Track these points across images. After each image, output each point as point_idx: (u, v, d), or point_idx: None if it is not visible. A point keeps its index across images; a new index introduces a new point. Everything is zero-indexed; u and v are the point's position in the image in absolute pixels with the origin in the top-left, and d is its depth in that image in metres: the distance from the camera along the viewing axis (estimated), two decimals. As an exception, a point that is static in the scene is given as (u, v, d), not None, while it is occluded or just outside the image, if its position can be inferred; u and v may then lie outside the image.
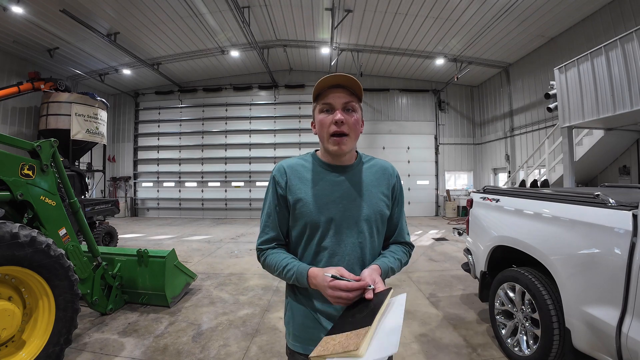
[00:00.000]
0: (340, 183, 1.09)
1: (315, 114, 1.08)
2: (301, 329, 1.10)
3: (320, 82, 1.01)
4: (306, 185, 1.08)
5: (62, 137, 8.93)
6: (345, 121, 1.01)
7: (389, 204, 1.14)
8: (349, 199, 1.07)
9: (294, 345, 1.11)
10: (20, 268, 2.22)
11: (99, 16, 8.51)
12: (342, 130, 1.01)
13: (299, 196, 1.07)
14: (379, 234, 1.12)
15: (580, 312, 1.93)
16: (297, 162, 1.14)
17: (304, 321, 1.09)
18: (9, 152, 2.51)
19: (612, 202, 1.90)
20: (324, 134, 1.05)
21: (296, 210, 1.07)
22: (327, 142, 1.04)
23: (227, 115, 13.73)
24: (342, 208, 1.06)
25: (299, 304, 1.12)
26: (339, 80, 1.01)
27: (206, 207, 13.61)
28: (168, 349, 2.81)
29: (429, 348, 2.82)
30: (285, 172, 1.11)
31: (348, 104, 1.02)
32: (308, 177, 1.10)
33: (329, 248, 1.05)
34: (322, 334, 1.05)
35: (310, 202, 1.06)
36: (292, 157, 1.19)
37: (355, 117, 1.03)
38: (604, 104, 4.83)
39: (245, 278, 4.90)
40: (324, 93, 1.03)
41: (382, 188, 1.13)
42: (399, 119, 13.66)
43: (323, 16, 9.11)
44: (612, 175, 7.59)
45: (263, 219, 1.14)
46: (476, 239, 3.26)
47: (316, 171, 1.11)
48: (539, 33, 9.00)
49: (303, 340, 1.09)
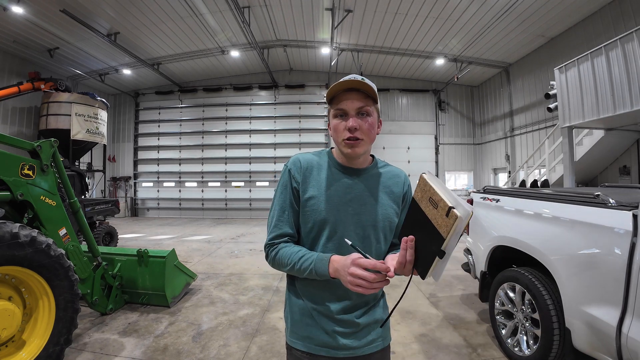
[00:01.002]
0: (352, 186, 1.09)
1: (330, 117, 1.08)
2: (299, 325, 1.10)
3: (334, 86, 1.00)
4: (320, 183, 1.08)
5: (62, 137, 8.92)
6: (359, 127, 1.00)
7: (398, 212, 1.13)
8: (359, 203, 1.07)
9: (291, 342, 1.11)
10: (21, 268, 2.22)
11: (99, 16, 8.51)
12: (355, 136, 1.01)
13: (312, 193, 1.06)
14: (386, 241, 1.11)
15: (580, 312, 1.93)
16: (313, 159, 1.12)
17: (302, 318, 1.10)
18: (9, 152, 2.51)
19: (612, 202, 1.89)
20: (338, 139, 1.05)
21: (306, 208, 1.06)
22: (341, 146, 1.05)
23: (227, 115, 13.73)
24: (351, 211, 1.06)
25: (298, 300, 1.11)
26: (352, 84, 1.00)
27: (206, 207, 13.60)
28: (168, 349, 2.81)
29: (429, 348, 2.82)
30: (302, 166, 1.09)
31: (362, 108, 1.01)
32: (323, 176, 1.09)
33: (333, 250, 1.05)
34: (319, 331, 1.06)
35: (322, 201, 1.06)
36: (307, 152, 1.17)
37: (369, 121, 1.02)
38: (604, 104, 4.83)
39: (245, 278, 4.90)
40: (338, 97, 1.03)
41: (393, 195, 1.12)
42: (399, 119, 13.66)
43: (323, 16, 9.11)
44: (612, 175, 7.59)
45: (276, 214, 1.09)
46: (476, 239, 3.26)
47: (331, 171, 1.10)
48: (539, 33, 9.00)
49: (300, 337, 1.09)
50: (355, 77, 0.99)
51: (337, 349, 1.05)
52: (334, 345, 1.05)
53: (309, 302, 1.09)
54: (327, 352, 1.06)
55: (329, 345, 1.05)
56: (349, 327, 1.06)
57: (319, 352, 1.06)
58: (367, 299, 1.10)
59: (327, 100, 1.05)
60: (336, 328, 1.05)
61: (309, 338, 1.07)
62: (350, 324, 1.06)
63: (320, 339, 1.06)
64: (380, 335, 1.12)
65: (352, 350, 1.06)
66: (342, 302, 1.06)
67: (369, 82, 0.99)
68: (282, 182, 1.11)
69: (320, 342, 1.06)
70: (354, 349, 1.06)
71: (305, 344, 1.08)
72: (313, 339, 1.07)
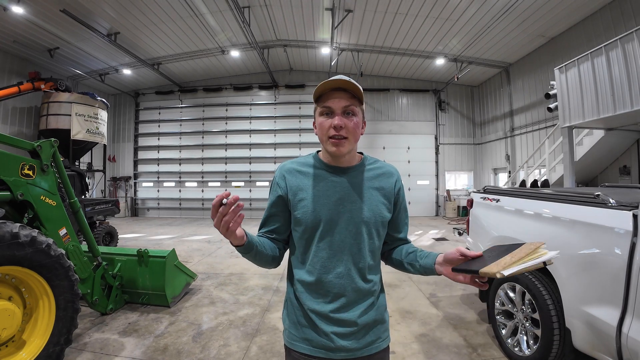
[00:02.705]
0: (340, 184, 1.09)
1: (315, 115, 1.10)
2: (296, 327, 1.11)
3: (321, 85, 1.02)
4: (307, 185, 1.10)
5: (63, 137, 8.93)
6: (344, 125, 1.02)
7: (390, 208, 1.13)
8: (348, 201, 1.08)
9: (290, 343, 1.12)
10: (21, 268, 2.22)
11: (99, 16, 8.51)
12: (340, 134, 1.02)
13: (300, 196, 1.09)
14: (379, 237, 1.12)
15: (580, 312, 1.93)
16: (299, 163, 1.16)
17: (299, 319, 1.11)
18: (9, 152, 2.51)
19: (612, 202, 1.89)
20: (323, 136, 1.06)
21: (297, 211, 1.09)
22: (326, 144, 1.06)
23: (227, 115, 13.73)
24: (342, 209, 1.07)
25: (296, 301, 1.12)
26: (339, 84, 1.02)
27: (206, 207, 13.59)
28: (168, 349, 2.81)
29: (429, 348, 2.82)
30: (285, 175, 1.13)
31: (348, 107, 1.03)
32: (309, 178, 1.11)
33: (327, 249, 1.06)
34: (315, 333, 1.06)
35: (310, 202, 1.07)
36: (296, 157, 1.20)
37: (354, 120, 1.04)
38: (604, 104, 4.83)
39: (246, 278, 4.90)
40: (325, 96, 1.04)
41: (383, 191, 1.12)
42: (399, 119, 13.66)
43: (323, 16, 9.11)
44: (612, 175, 7.59)
45: (262, 219, 1.18)
46: (476, 239, 3.26)
47: (317, 172, 1.12)
48: (539, 33, 9.00)
49: (297, 338, 1.10)
50: (342, 77, 1.01)
51: (335, 351, 1.05)
52: (332, 347, 1.05)
53: (306, 302, 1.08)
54: (326, 354, 1.05)
55: (327, 347, 1.05)
56: (347, 326, 1.05)
57: (316, 354, 1.06)
58: (363, 295, 1.08)
59: (314, 98, 1.07)
60: (334, 329, 1.05)
61: (307, 340, 1.08)
62: (348, 323, 1.05)
63: (318, 341, 1.06)
64: (379, 336, 1.12)
65: (351, 352, 1.06)
66: (338, 300, 1.06)
67: (355, 82, 1.01)
68: (269, 191, 1.18)
69: (318, 344, 1.06)
70: (352, 351, 1.06)
71: (303, 345, 1.08)
72: (311, 340, 1.07)
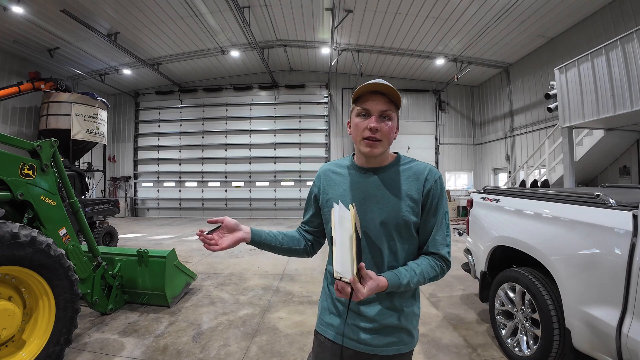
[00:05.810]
0: (366, 184, 1.12)
1: (352, 115, 1.12)
2: (322, 312, 1.20)
3: (362, 87, 1.04)
4: (336, 185, 1.17)
5: (62, 137, 8.92)
6: (379, 128, 1.04)
7: (417, 211, 1.08)
8: (372, 201, 1.09)
9: (318, 327, 1.21)
10: (21, 268, 2.22)
11: (99, 16, 8.51)
12: (375, 136, 1.04)
13: (329, 195, 1.17)
14: (402, 239, 1.08)
15: (580, 312, 1.93)
16: (335, 164, 1.24)
17: (328, 306, 1.18)
18: (9, 152, 2.51)
19: (612, 203, 1.89)
20: (357, 137, 1.08)
21: (325, 209, 1.18)
22: (360, 144, 1.08)
23: (227, 115, 13.72)
24: (364, 209, 1.09)
25: (327, 290, 1.21)
26: (378, 87, 1.04)
27: (206, 207, 13.60)
28: (168, 349, 2.81)
29: (429, 348, 2.82)
30: (321, 175, 1.24)
31: (385, 112, 1.05)
32: (339, 178, 1.18)
33: None
34: (341, 322, 1.12)
35: (335, 201, 1.08)
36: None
37: (389, 125, 1.06)
38: (604, 104, 4.83)
39: (245, 278, 4.90)
40: (364, 97, 1.07)
41: (410, 192, 1.09)
42: (399, 119, 13.64)
43: (323, 16, 9.11)
44: (612, 175, 7.59)
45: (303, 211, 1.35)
46: (476, 239, 3.26)
47: (349, 172, 1.18)
48: (539, 33, 9.00)
49: (325, 323, 1.18)
50: (382, 82, 1.03)
51: (356, 342, 1.09)
52: (354, 338, 1.09)
53: (334, 293, 1.12)
54: (348, 343, 1.10)
55: (349, 337, 1.10)
56: (368, 322, 1.08)
57: (339, 342, 1.11)
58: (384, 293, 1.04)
59: (352, 99, 1.11)
60: (357, 321, 1.09)
61: (333, 326, 1.14)
62: (369, 319, 1.08)
63: (342, 329, 1.11)
64: (402, 339, 1.11)
65: (371, 347, 1.08)
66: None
67: (394, 88, 1.05)
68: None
69: (342, 332, 1.11)
70: (373, 346, 1.08)
71: (328, 330, 1.15)
72: (331, 325, 1.15)
